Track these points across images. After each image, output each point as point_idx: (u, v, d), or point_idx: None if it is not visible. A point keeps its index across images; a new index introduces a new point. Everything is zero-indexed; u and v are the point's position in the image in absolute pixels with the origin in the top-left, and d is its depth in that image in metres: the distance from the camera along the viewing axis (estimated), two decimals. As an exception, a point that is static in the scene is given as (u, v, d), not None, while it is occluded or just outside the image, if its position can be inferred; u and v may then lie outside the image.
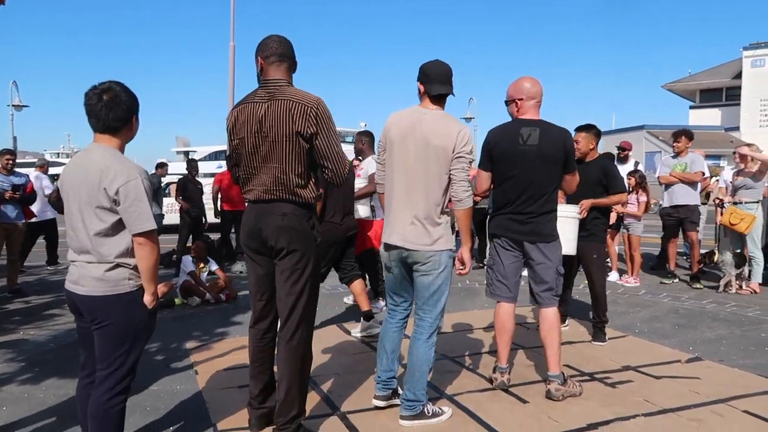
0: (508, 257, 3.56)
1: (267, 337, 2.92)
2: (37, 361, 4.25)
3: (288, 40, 2.83)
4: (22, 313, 5.82)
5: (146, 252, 2.41)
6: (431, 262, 2.98)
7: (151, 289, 2.48)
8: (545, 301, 3.53)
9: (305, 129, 2.63)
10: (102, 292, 2.41)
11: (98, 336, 2.46)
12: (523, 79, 3.51)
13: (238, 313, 5.73)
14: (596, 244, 4.62)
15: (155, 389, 3.66)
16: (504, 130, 3.51)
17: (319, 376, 3.79)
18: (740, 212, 6.65)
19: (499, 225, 3.57)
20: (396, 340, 3.23)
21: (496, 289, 3.62)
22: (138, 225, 2.38)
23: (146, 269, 2.44)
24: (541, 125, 3.44)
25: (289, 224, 2.71)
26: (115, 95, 2.45)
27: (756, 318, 5.45)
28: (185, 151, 34.10)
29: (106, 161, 2.39)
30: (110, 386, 2.45)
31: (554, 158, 3.42)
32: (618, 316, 5.47)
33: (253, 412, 2.99)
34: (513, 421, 3.14)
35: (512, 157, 3.43)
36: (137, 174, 2.39)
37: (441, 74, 3.02)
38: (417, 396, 3.06)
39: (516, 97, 3.50)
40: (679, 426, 3.08)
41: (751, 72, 29.04)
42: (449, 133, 2.93)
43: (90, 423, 2.48)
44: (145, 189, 2.39)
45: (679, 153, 7.08)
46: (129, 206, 2.36)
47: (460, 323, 5.20)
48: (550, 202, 3.50)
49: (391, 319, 3.24)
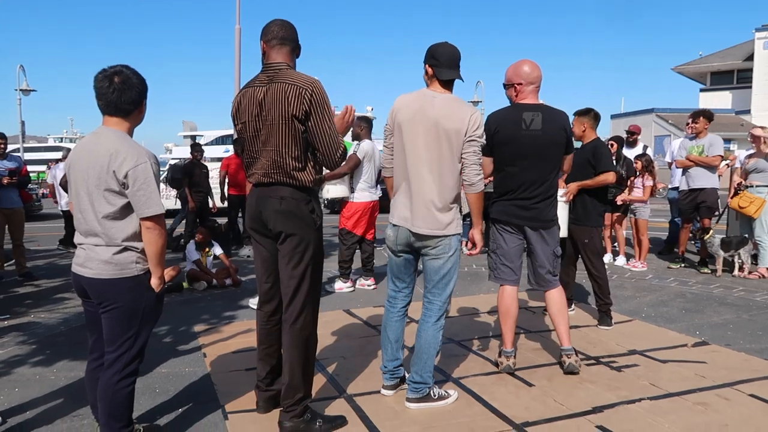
0: (511, 240, 3.57)
1: (273, 320, 2.94)
2: (48, 343, 4.31)
3: (290, 24, 2.82)
4: (33, 296, 5.89)
5: (154, 236, 2.43)
6: (441, 246, 2.99)
7: (158, 273, 2.50)
8: (548, 283, 3.58)
9: (299, 111, 2.63)
10: (109, 275, 2.43)
11: (106, 319, 2.49)
12: (522, 63, 3.48)
13: (245, 296, 5.76)
14: (588, 228, 4.58)
15: (164, 371, 3.70)
16: (505, 115, 3.48)
17: (324, 359, 3.82)
18: (750, 196, 6.59)
19: (502, 210, 3.56)
20: (399, 329, 3.23)
21: (501, 273, 3.63)
22: (146, 209, 2.39)
23: (154, 253, 2.46)
24: (543, 109, 3.42)
25: (287, 208, 2.72)
26: (126, 78, 2.46)
27: (763, 303, 5.43)
28: (192, 135, 34.09)
29: (115, 145, 2.39)
30: (119, 368, 2.48)
31: (558, 142, 3.43)
32: (625, 301, 5.47)
33: (261, 395, 3.03)
34: (518, 404, 3.16)
35: (515, 142, 3.41)
36: (146, 158, 2.40)
37: (451, 58, 2.99)
38: (424, 378, 3.08)
39: (515, 82, 3.47)
40: (685, 409, 3.09)
41: (763, 54, 28.61)
42: (462, 117, 2.91)
43: (100, 405, 2.52)
44: (153, 173, 2.41)
45: (697, 134, 6.80)
46: (138, 190, 2.37)
47: (466, 307, 5.22)
48: (552, 187, 3.51)
49: (392, 308, 3.23)
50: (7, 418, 3.01)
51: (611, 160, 4.80)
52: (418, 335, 3.12)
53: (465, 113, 2.93)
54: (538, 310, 5.08)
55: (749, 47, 29.71)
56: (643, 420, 2.97)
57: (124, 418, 2.53)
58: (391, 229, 3.12)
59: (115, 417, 2.49)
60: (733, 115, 28.65)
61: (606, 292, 4.64)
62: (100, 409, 2.52)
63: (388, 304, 3.26)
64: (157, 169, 2.45)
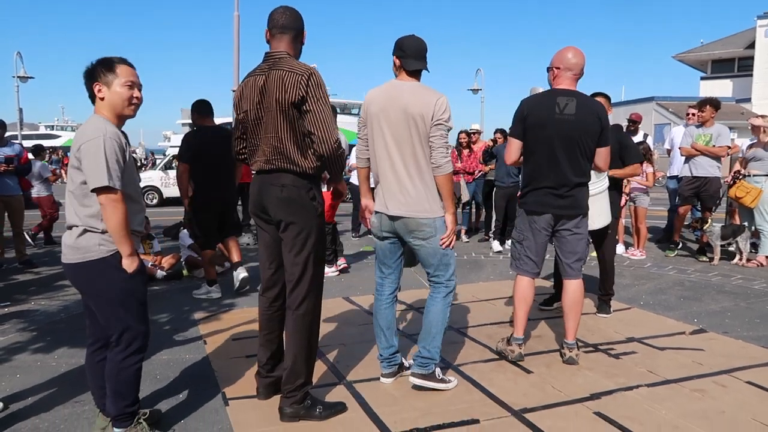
0: (540, 236, 3.55)
1: (275, 305, 2.95)
2: (49, 330, 4.32)
3: (292, 11, 2.82)
4: (33, 283, 5.90)
5: (107, 212, 2.39)
6: (428, 230, 3.02)
7: (126, 251, 2.46)
8: (575, 272, 3.58)
9: (296, 97, 2.63)
10: (76, 259, 2.46)
11: (92, 305, 2.54)
12: (567, 49, 3.48)
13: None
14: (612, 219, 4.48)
15: (165, 358, 3.72)
16: (539, 100, 3.49)
17: (325, 347, 3.84)
18: (747, 186, 6.58)
19: (538, 201, 3.50)
20: (389, 316, 3.24)
21: (524, 264, 3.61)
22: (92, 180, 2.36)
23: (111, 229, 2.41)
24: (578, 96, 3.42)
25: (288, 196, 2.73)
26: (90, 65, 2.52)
27: (761, 291, 5.45)
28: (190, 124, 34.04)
29: (85, 125, 2.49)
30: (123, 347, 2.52)
31: (591, 130, 3.39)
32: (623, 289, 5.49)
33: (261, 381, 3.05)
34: (517, 391, 3.18)
35: (549, 126, 3.39)
36: (101, 134, 2.39)
37: (417, 50, 3.04)
38: (432, 354, 3.11)
39: (555, 65, 3.48)
40: (682, 396, 3.12)
41: (765, 42, 28.41)
42: (428, 102, 2.95)
43: (108, 384, 2.54)
44: (106, 148, 2.37)
45: (703, 123, 6.75)
46: (87, 164, 2.37)
47: (465, 295, 5.23)
48: (586, 174, 3.48)
49: (380, 295, 3.26)
50: (9, 404, 3.03)
51: (639, 151, 4.74)
52: (427, 311, 3.16)
53: (431, 99, 2.96)
54: (537, 299, 5.09)
55: (751, 35, 29.52)
56: (640, 406, 2.99)
57: (129, 397, 2.56)
58: (375, 217, 3.18)
59: (121, 395, 2.53)
60: (734, 103, 28.52)
61: (611, 283, 4.64)
62: (108, 388, 2.54)
63: (377, 292, 3.29)
64: (114, 145, 2.40)
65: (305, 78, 2.63)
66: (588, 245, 3.61)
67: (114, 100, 2.51)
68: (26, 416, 2.93)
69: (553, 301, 4.58)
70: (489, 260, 7.13)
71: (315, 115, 2.65)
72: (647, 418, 2.87)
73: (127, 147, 2.56)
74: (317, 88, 2.65)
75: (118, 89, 2.50)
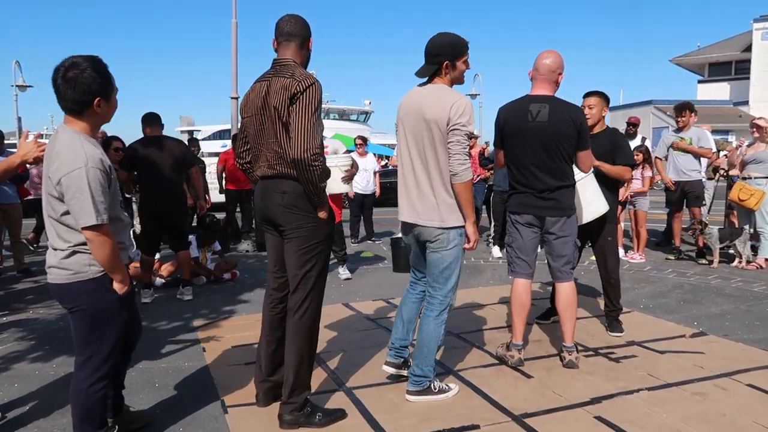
0: (528, 234, 3.57)
1: (279, 307, 2.96)
2: (47, 339, 4.31)
3: (299, 19, 2.85)
4: (32, 292, 5.89)
5: (95, 247, 2.27)
6: (440, 240, 3.00)
7: (118, 278, 2.38)
8: (564, 275, 3.58)
9: (290, 103, 2.63)
10: (63, 279, 2.33)
11: (71, 322, 2.41)
12: (544, 53, 3.50)
13: (244, 291, 5.77)
14: (608, 225, 4.19)
15: (164, 366, 3.71)
16: (513, 107, 3.52)
17: (325, 353, 3.83)
18: (749, 188, 6.58)
19: (521, 203, 3.54)
20: (414, 310, 3.30)
21: (517, 266, 3.63)
22: (79, 219, 2.22)
23: (102, 262, 2.32)
24: (551, 101, 3.42)
25: (290, 202, 2.74)
26: (78, 73, 2.24)
27: (761, 293, 5.44)
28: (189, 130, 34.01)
29: (59, 146, 2.25)
30: (89, 373, 2.40)
31: (566, 134, 3.40)
32: (623, 292, 5.42)
33: (260, 386, 3.03)
34: (518, 396, 3.17)
35: (522, 133, 3.43)
36: (83, 164, 2.19)
37: (428, 52, 3.01)
38: (424, 372, 3.09)
39: (532, 69, 3.51)
40: (683, 400, 3.11)
41: (762, 45, 28.54)
42: (443, 106, 2.90)
43: (73, 411, 2.44)
44: (89, 180, 2.20)
45: (682, 128, 6.88)
46: (71, 198, 2.21)
47: (465, 300, 5.22)
48: (567, 177, 3.48)
49: (412, 290, 3.34)
50: (7, 413, 3.02)
51: (632, 155, 4.40)
52: (420, 328, 3.14)
53: (447, 102, 2.90)
54: (537, 303, 5.08)
55: (747, 38, 29.64)
56: (641, 410, 2.98)
57: (97, 421, 2.45)
58: (401, 224, 3.22)
59: (88, 421, 2.43)
60: (731, 106, 28.62)
61: (618, 296, 4.29)
62: (73, 413, 2.44)
63: (409, 286, 3.36)
64: (97, 175, 2.23)
65: (303, 86, 2.63)
66: (576, 248, 3.58)
67: (109, 113, 2.41)
68: (24, 425, 2.91)
69: (550, 316, 4.53)
70: (489, 264, 7.12)
71: (298, 121, 2.62)
72: (648, 421, 2.86)
73: (111, 168, 2.37)
74: (311, 98, 2.63)
75: (113, 101, 2.41)
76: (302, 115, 2.62)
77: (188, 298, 5.42)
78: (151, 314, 4.88)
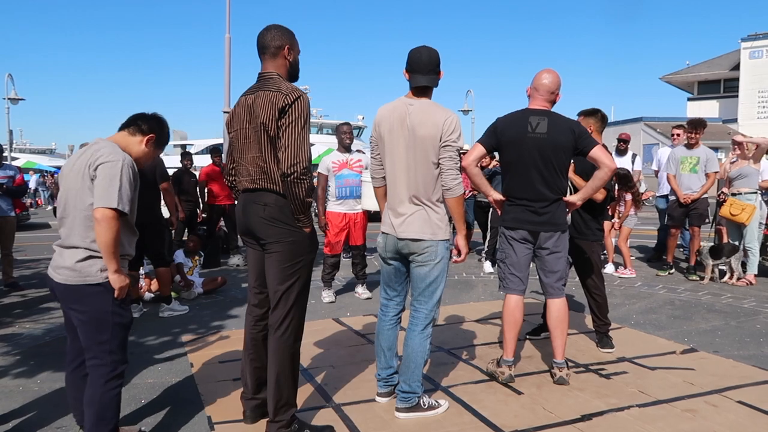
0: (522, 250, 3.56)
1: (260, 325, 2.91)
2: (33, 354, 4.24)
3: (270, 29, 2.80)
4: (19, 306, 5.81)
5: (102, 229, 2.44)
6: (427, 253, 2.98)
7: (113, 267, 2.50)
8: (556, 291, 3.58)
9: (279, 117, 2.62)
10: (74, 281, 2.49)
11: (78, 325, 2.55)
12: (543, 71, 3.54)
13: (233, 306, 5.72)
14: (589, 243, 4.22)
15: (150, 381, 3.66)
16: (513, 118, 3.53)
17: (313, 368, 3.79)
18: (740, 203, 6.62)
19: (516, 218, 3.53)
20: (392, 337, 3.23)
21: (509, 282, 3.61)
22: (99, 199, 2.43)
23: (102, 244, 2.46)
24: (550, 115, 3.46)
25: (270, 215, 2.71)
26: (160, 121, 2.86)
27: (751, 309, 5.46)
28: (182, 144, 33.98)
29: (102, 144, 2.59)
30: (103, 374, 2.53)
31: (564, 147, 3.42)
32: (614, 308, 5.47)
33: (247, 403, 2.99)
34: (508, 413, 3.14)
35: (521, 144, 3.43)
36: (121, 158, 2.52)
37: (424, 64, 2.97)
38: (412, 388, 3.06)
39: (530, 86, 3.54)
40: (673, 416, 3.09)
41: (750, 63, 28.99)
42: (436, 123, 2.91)
43: (87, 410, 2.52)
44: (123, 173, 2.48)
45: (693, 145, 6.82)
46: (101, 180, 2.45)
47: (455, 315, 5.20)
48: (561, 190, 3.51)
49: (384, 316, 3.24)
50: (-11, 431, 2.97)
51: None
52: (406, 344, 3.11)
53: (439, 119, 2.92)
54: (528, 319, 5.06)
55: (735, 57, 30.10)
56: (631, 427, 2.96)
57: (113, 421, 2.56)
58: (380, 237, 3.16)
59: (104, 419, 2.53)
60: (720, 123, 28.93)
61: (605, 312, 4.27)
62: (88, 414, 2.52)
63: (381, 312, 3.26)
64: (130, 173, 2.53)
65: (290, 99, 2.62)
66: (568, 264, 3.58)
67: (143, 151, 2.76)
68: (6, 443, 2.86)
69: (541, 332, 4.51)
70: (480, 280, 7.11)
71: (287, 136, 2.61)
72: (638, 439, 2.84)
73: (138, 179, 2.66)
74: (299, 112, 2.62)
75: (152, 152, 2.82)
76: (291, 129, 2.62)
77: (168, 314, 5.34)
78: (139, 329, 4.82)
